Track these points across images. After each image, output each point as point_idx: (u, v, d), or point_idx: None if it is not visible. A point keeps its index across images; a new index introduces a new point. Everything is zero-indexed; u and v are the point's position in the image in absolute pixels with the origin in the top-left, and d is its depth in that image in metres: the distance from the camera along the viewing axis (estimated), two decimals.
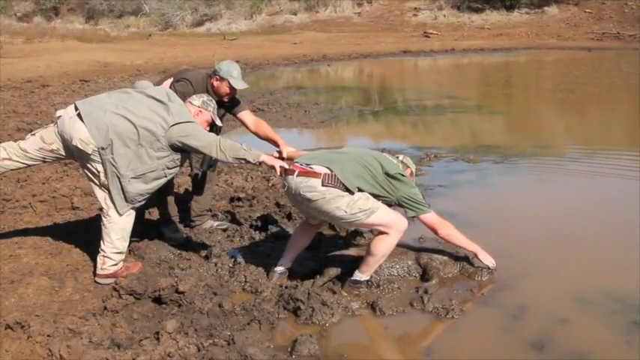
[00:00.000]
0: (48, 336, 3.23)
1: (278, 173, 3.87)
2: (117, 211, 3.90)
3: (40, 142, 3.96)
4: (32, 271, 4.11)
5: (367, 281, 3.89)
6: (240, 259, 4.24)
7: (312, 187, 3.59)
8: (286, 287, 3.84)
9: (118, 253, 3.98)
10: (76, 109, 3.84)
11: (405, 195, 3.83)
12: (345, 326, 3.52)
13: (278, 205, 5.47)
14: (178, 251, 4.51)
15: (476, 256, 4.10)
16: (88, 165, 3.85)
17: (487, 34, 28.09)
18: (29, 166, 4.14)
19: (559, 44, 23.89)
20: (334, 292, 3.78)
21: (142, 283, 3.88)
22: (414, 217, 3.92)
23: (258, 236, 4.81)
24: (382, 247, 3.74)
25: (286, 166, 3.83)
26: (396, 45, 24.77)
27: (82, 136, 3.74)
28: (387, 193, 3.80)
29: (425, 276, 4.03)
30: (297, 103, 12.27)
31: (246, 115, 4.79)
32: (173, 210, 4.90)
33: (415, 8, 33.03)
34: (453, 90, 14.31)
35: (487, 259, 4.07)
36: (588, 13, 28.66)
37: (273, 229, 4.93)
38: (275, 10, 35.82)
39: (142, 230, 4.99)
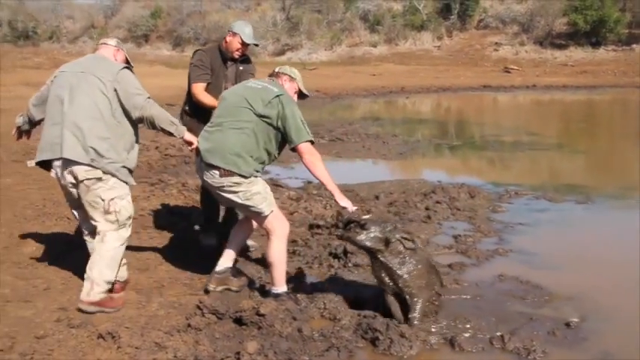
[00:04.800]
0: (136, 348, 3.37)
1: (191, 149, 4.12)
2: (129, 183, 3.97)
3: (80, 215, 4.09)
4: None
5: (287, 293, 4.07)
6: (319, 286, 4.29)
7: (213, 175, 3.93)
8: (365, 316, 3.85)
9: (107, 282, 3.90)
10: (52, 160, 3.84)
11: (284, 123, 3.91)
12: None
13: None
14: (259, 274, 4.61)
15: (333, 197, 4.03)
16: (93, 198, 3.82)
17: (570, 70, 27.48)
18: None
19: None
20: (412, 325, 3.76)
21: (224, 304, 3.99)
22: (293, 148, 3.93)
23: (337, 264, 4.85)
24: (274, 254, 4.03)
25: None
26: (476, 79, 24.61)
27: (83, 169, 3.75)
28: (267, 148, 3.98)
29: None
30: (375, 134, 12.35)
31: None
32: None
33: (496, 43, 32.78)
34: (533, 127, 14.01)
35: (344, 202, 3.93)
36: None
37: (352, 257, 4.89)
38: (355, 42, 36.31)
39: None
